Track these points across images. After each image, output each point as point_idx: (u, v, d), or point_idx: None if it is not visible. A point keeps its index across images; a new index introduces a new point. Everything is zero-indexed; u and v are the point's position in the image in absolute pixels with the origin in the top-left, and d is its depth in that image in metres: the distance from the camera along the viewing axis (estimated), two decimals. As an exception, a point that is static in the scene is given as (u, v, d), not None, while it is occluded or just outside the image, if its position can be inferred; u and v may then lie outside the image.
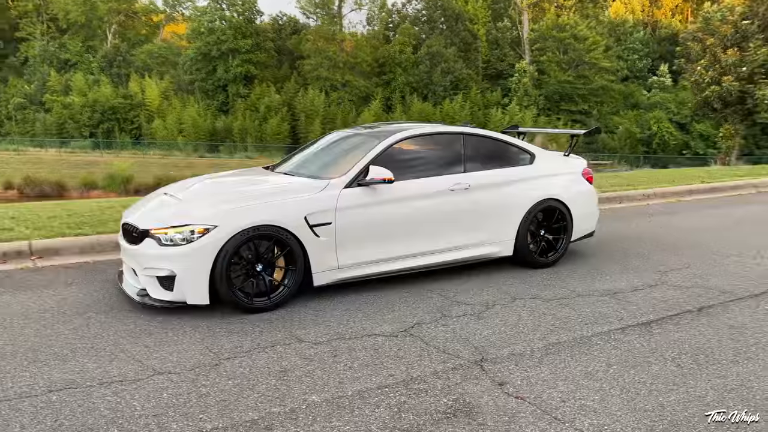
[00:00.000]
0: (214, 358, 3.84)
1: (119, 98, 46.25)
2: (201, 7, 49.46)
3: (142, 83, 47.45)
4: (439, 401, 3.36)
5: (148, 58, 49.76)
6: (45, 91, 47.81)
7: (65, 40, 52.56)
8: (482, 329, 4.43)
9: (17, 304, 4.74)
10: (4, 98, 48.39)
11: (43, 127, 46.15)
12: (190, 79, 48.26)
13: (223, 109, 47.74)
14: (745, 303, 5.13)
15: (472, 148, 5.86)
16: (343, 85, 48.24)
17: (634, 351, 4.10)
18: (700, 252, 6.89)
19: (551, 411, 3.28)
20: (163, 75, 48.69)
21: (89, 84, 47.47)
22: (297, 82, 48.55)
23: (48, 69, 49.63)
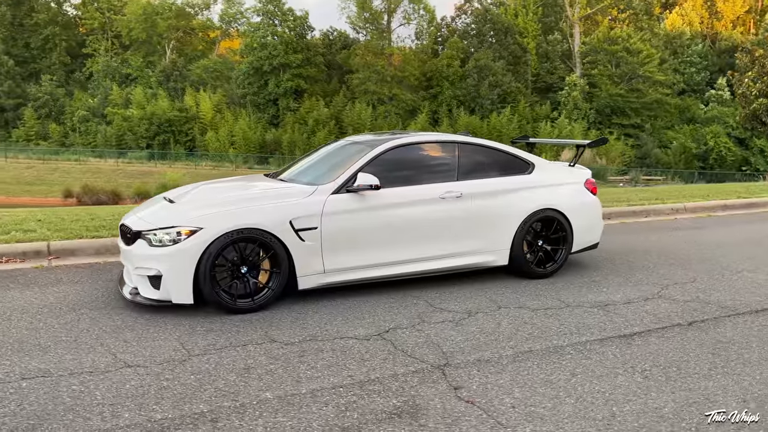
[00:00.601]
0: (185, 354, 3.99)
1: (175, 111, 47.97)
2: (255, 23, 50.88)
3: (196, 97, 49.09)
4: (388, 402, 3.40)
5: (203, 73, 51.48)
6: (107, 105, 50.04)
7: (127, 55, 54.99)
8: (456, 336, 4.45)
9: (21, 299, 5.03)
10: (70, 111, 50.89)
11: (103, 138, 48.28)
12: (242, 93, 49.62)
13: (273, 122, 48.84)
14: (741, 319, 4.97)
15: (468, 156, 5.89)
16: (390, 99, 48.64)
17: (605, 362, 4.04)
18: (711, 267, 6.68)
19: (497, 416, 3.27)
20: (217, 89, 50.23)
21: (148, 97, 49.44)
22: (345, 95, 49.25)
23: (110, 83, 51.97)
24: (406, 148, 5.72)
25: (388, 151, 5.57)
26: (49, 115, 51.09)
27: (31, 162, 44.34)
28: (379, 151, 5.51)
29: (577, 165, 6.79)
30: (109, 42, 56.24)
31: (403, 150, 5.69)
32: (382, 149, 5.54)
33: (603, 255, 7.19)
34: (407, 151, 5.72)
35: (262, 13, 50.83)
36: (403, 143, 5.69)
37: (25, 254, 6.38)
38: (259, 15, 50.94)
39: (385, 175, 5.47)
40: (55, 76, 53.55)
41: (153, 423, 3.11)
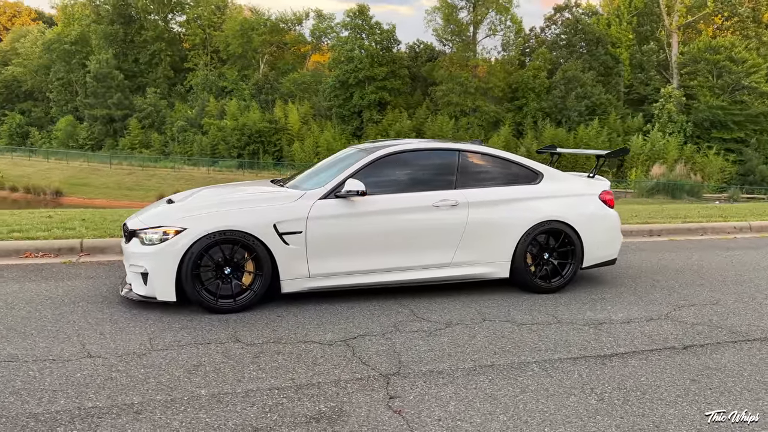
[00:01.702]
0: (147, 349, 4.15)
1: (265, 122, 49.90)
2: (343, 37, 52.11)
3: (285, 109, 50.83)
4: (314, 407, 3.39)
5: (292, 86, 53.25)
6: (203, 116, 52.82)
7: (224, 69, 57.84)
8: (423, 346, 4.35)
9: (33, 291, 5.42)
10: (170, 121, 54.14)
11: (199, 147, 50.95)
12: (329, 105, 50.88)
13: (357, 134, 49.67)
14: (747, 345, 4.55)
15: (469, 165, 5.77)
16: (474, 111, 48.24)
17: (566, 381, 3.82)
18: (743, 289, 6.15)
19: (417, 428, 3.18)
20: (305, 101, 51.79)
21: (241, 109, 51.72)
22: (428, 107, 49.36)
23: (208, 96, 54.83)
24: (404, 156, 5.68)
25: (383, 158, 5.56)
26: (152, 125, 54.58)
27: (133, 168, 47.54)
28: (372, 158, 5.51)
29: (596, 176, 6.47)
30: (209, 57, 59.40)
31: (401, 157, 5.66)
32: (376, 156, 5.54)
33: (628, 272, 6.79)
34: (405, 158, 5.68)
35: (350, 27, 52.00)
36: (400, 150, 5.66)
37: (59, 250, 6.86)
38: (348, 29, 52.14)
39: (380, 182, 5.48)
40: (158, 89, 57.19)
41: (81, 410, 3.26)
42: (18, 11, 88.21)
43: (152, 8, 59.10)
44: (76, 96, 57.80)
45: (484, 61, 50.37)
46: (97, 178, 44.95)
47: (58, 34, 60.02)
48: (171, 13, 61.20)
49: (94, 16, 59.05)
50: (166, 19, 60.95)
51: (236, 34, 55.49)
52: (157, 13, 59.61)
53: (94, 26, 57.91)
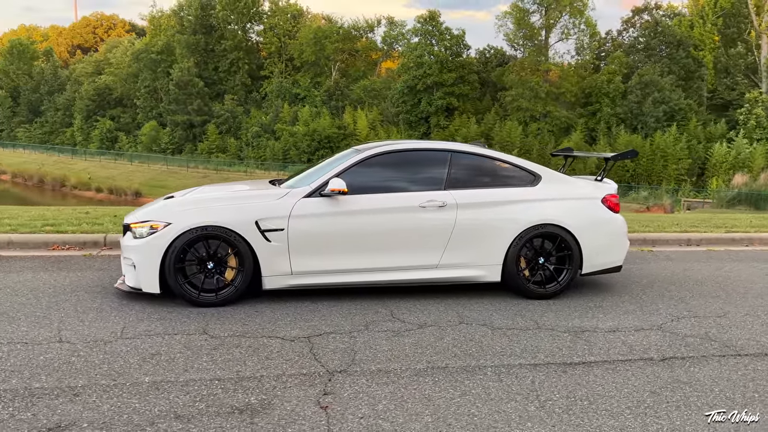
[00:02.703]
0: (116, 336, 4.34)
1: (334, 128, 50.74)
2: (413, 43, 52.30)
3: (354, 115, 51.50)
4: (246, 399, 3.44)
5: (362, 92, 53.91)
6: (277, 122, 54.33)
7: (298, 77, 59.31)
8: (384, 346, 4.33)
9: (41, 281, 5.77)
10: (246, 127, 56.02)
11: (272, 152, 52.42)
12: (396, 111, 51.13)
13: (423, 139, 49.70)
14: (734, 361, 4.24)
15: (461, 166, 5.68)
16: (544, 116, 47.14)
17: (514, 387, 3.70)
18: (761, 303, 5.76)
19: (334, 424, 3.17)
20: (374, 107, 52.30)
21: (312, 115, 52.84)
22: (497, 113, 48.66)
23: (282, 102, 56.37)
24: (394, 156, 5.67)
25: (372, 158, 5.56)
26: (229, 130, 56.65)
27: (208, 172, 49.53)
28: (360, 158, 5.53)
29: (605, 180, 6.21)
30: (283, 64, 61.06)
31: (390, 158, 5.65)
32: (365, 156, 5.55)
33: (642, 281, 6.47)
34: (395, 158, 5.67)
35: (420, 33, 52.12)
36: (389, 151, 5.65)
37: (84, 244, 7.27)
38: (418, 35, 52.28)
39: (369, 182, 5.49)
40: (236, 96, 59.33)
41: (27, 390, 3.45)
42: (114, 23, 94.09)
43: (232, 18, 61.39)
44: (161, 103, 60.79)
45: (556, 65, 49.16)
46: (174, 181, 47.11)
47: (146, 44, 63.44)
48: (249, 23, 63.39)
49: (178, 27, 62.02)
50: (245, 29, 63.14)
51: (310, 42, 56.77)
52: (236, 23, 61.89)
53: (178, 36, 60.78)
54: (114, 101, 65.71)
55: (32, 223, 7.87)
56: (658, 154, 42.05)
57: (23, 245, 7.13)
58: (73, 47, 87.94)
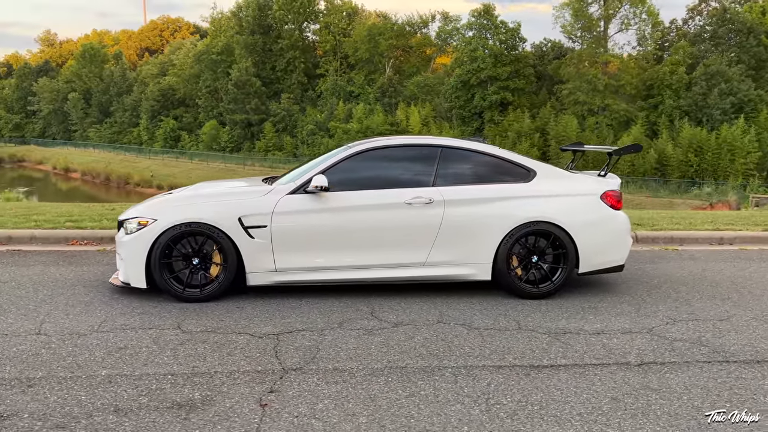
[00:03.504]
0: (92, 330, 4.47)
1: (386, 125, 50.83)
2: (467, 37, 51.74)
3: (407, 111, 51.44)
4: (190, 394, 3.47)
5: (415, 88, 53.77)
6: (331, 119, 54.92)
7: (352, 75, 59.74)
8: (352, 344, 4.29)
9: (47, 275, 6.00)
10: (301, 125, 56.88)
11: (326, 150, 52.97)
12: (449, 106, 50.75)
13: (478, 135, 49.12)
14: (719, 367, 3.99)
15: (451, 162, 5.55)
16: (602, 110, 45.70)
17: (466, 389, 3.59)
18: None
19: (266, 422, 3.17)
20: (426, 103, 52.07)
21: (366, 113, 53.11)
22: (553, 107, 47.52)
23: (336, 100, 56.94)
24: (382, 152, 5.60)
25: (359, 154, 5.52)
26: (285, 129, 57.67)
27: (263, 169, 50.55)
28: (347, 155, 5.50)
29: (609, 175, 5.95)
30: (338, 62, 61.62)
31: (378, 154, 5.59)
32: (352, 152, 5.52)
33: (652, 281, 6.16)
34: (383, 154, 5.60)
35: (474, 27, 51.51)
36: (377, 147, 5.59)
37: (101, 239, 7.54)
38: (472, 29, 51.69)
39: (356, 178, 5.46)
40: (292, 95, 60.34)
41: (-13, 379, 3.59)
42: (179, 26, 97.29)
43: (288, 18, 62.39)
44: (220, 102, 62.46)
45: (615, 57, 47.55)
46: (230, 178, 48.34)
47: (207, 45, 65.30)
48: (305, 22, 64.27)
49: (237, 28, 63.52)
50: (301, 28, 64.07)
51: (364, 39, 57.04)
52: (292, 22, 62.87)
53: (237, 37, 62.27)
54: (177, 101, 67.97)
55: (57, 219, 8.22)
56: (725, 148, 40.01)
57: (44, 240, 7.46)
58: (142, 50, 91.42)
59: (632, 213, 10.60)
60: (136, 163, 56.16)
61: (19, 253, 6.91)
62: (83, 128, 74.89)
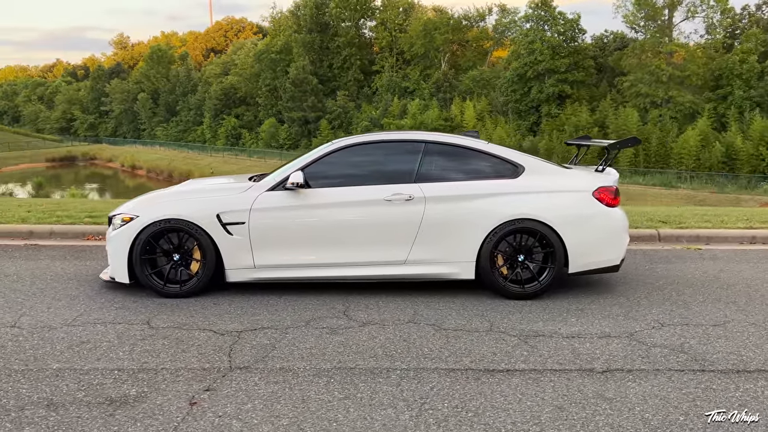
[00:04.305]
0: (65, 323, 4.58)
1: (440, 120, 50.41)
2: (524, 30, 50.64)
3: (462, 106, 50.88)
4: (127, 390, 3.50)
5: (471, 83, 53.11)
6: (386, 116, 54.97)
7: (408, 70, 59.59)
8: (310, 343, 4.23)
9: (49, 269, 6.21)
10: (356, 122, 57.22)
11: (379, 146, 53.18)
12: (505, 100, 49.84)
13: (533, 129, 47.97)
14: (690, 377, 3.70)
15: (435, 157, 5.39)
16: (666, 102, 43.77)
17: (408, 393, 3.48)
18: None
19: (188, 421, 3.15)
20: (482, 98, 51.33)
21: (420, 108, 52.87)
22: (614, 100, 45.88)
23: (391, 96, 56.94)
24: (364, 148, 5.51)
25: (340, 150, 5.44)
26: (341, 125, 58.17)
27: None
28: (328, 150, 5.43)
29: (607, 169, 5.63)
30: (394, 58, 61.59)
31: (360, 149, 5.50)
32: (333, 148, 5.45)
33: (657, 283, 5.81)
34: (365, 150, 5.51)
35: (532, 19, 50.36)
36: (358, 142, 5.50)
37: (115, 235, 7.74)
38: (529, 21, 50.55)
39: (337, 174, 5.40)
40: (348, 92, 60.80)
41: (-54, 369, 3.73)
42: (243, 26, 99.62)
43: (345, 15, 62.83)
44: (279, 100, 63.60)
45: (680, 46, 45.41)
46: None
47: (267, 44, 66.62)
48: (362, 19, 64.56)
49: (296, 27, 64.49)
50: (357, 25, 64.40)
51: (419, 34, 56.78)
52: (349, 19, 63.27)
53: (295, 36, 63.25)
54: (238, 100, 69.67)
55: (78, 215, 8.53)
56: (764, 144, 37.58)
57: (63, 235, 7.75)
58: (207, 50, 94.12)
59: (660, 210, 10.07)
60: (198, 161, 57.94)
61: (35, 248, 7.20)
62: (151, 127, 77.90)
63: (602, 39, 51.81)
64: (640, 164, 41.48)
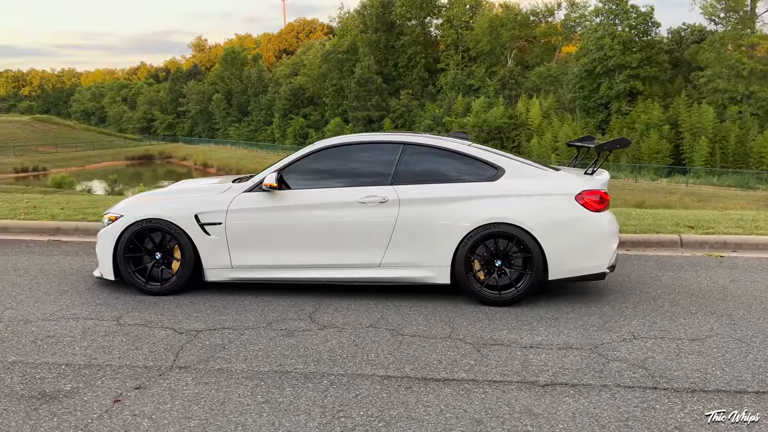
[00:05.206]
0: (42, 317, 4.78)
1: (504, 118, 49.51)
2: (593, 24, 48.97)
3: (528, 103, 49.78)
4: (63, 386, 3.61)
5: (537, 80, 51.88)
6: (450, 114, 54.54)
7: (473, 68, 58.91)
8: (261, 345, 4.24)
9: (58, 264, 6.51)
10: (419, 121, 57.10)
11: (442, 145, 52.78)
12: (572, 97, 48.38)
13: (602, 126, 46.29)
14: (637, 395, 3.47)
15: (413, 159, 5.29)
16: (747, 98, 41.24)
17: (329, 399, 3.44)
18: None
19: (102, 418, 3.22)
20: (549, 95, 50.04)
21: (485, 106, 52.11)
22: (689, 96, 43.64)
23: (455, 94, 56.47)
24: (342, 149, 5.47)
25: (318, 151, 5.43)
26: (404, 124, 58.20)
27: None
28: (306, 152, 5.43)
29: (598, 171, 5.35)
30: (459, 56, 61.05)
31: (338, 151, 5.46)
32: (310, 150, 5.44)
33: (656, 291, 5.48)
34: (343, 152, 5.47)
35: (602, 13, 48.62)
36: (336, 144, 5.46)
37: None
38: (599, 15, 48.82)
39: (314, 176, 5.40)
40: (412, 90, 60.77)
41: None
42: (314, 27, 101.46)
43: (411, 14, 62.82)
44: (345, 100, 64.35)
45: (763, 38, 42.64)
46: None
47: (334, 45, 67.57)
48: (428, 17, 64.35)
49: (362, 26, 65.05)
50: (423, 23, 64.24)
51: (485, 31, 56.03)
52: (415, 18, 63.20)
53: (361, 36, 63.82)
54: (306, 100, 71.02)
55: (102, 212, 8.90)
56: None
57: (86, 232, 8.11)
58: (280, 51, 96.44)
59: (694, 213, 9.48)
60: (265, 159, 59.39)
61: (56, 244, 7.58)
62: (224, 127, 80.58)
63: (679, 32, 49.44)
64: (716, 164, 39.33)
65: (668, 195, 34.07)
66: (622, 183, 37.47)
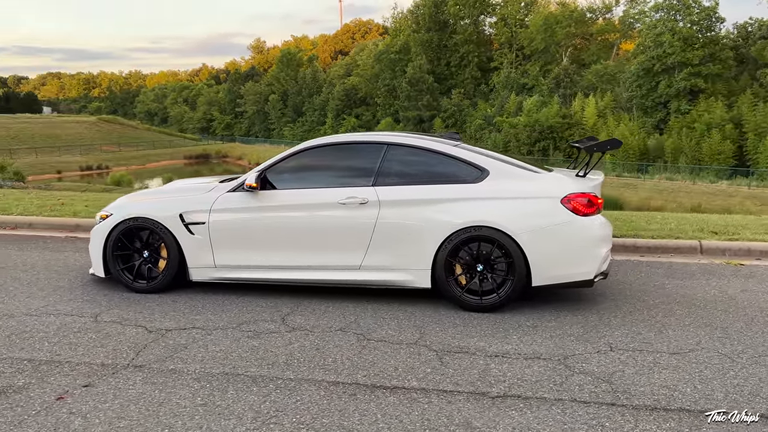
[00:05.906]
0: (25, 313, 4.89)
1: (557, 118, 48.36)
2: (653, 20, 47.25)
3: (583, 102, 48.48)
4: (16, 381, 3.67)
5: (594, 78, 50.45)
6: (502, 113, 53.72)
7: (527, 66, 57.86)
8: (223, 346, 4.22)
9: (65, 260, 6.70)
10: (471, 120, 56.53)
11: (492, 144, 52.00)
12: (630, 95, 46.80)
13: (660, 126, 44.60)
14: (584, 411, 3.26)
15: (396, 160, 5.17)
16: (818, 95, 38.92)
17: (267, 404, 3.37)
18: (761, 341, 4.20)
19: (39, 414, 3.26)
20: (606, 93, 48.58)
21: (538, 105, 51.07)
22: (756, 94, 41.51)
23: (508, 93, 55.58)
24: (325, 150, 5.41)
25: (301, 152, 5.39)
26: (454, 124, 57.71)
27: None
28: (290, 153, 5.40)
29: (590, 174, 5.09)
30: (513, 54, 60.10)
31: (321, 151, 5.41)
32: (294, 150, 5.41)
33: (654, 301, 5.17)
34: (326, 152, 5.41)
35: (662, 8, 46.86)
36: (319, 144, 5.40)
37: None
38: (659, 11, 47.07)
39: (298, 176, 5.38)
40: (464, 89, 60.19)
41: None
42: (369, 28, 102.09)
43: (464, 13, 62.27)
44: (396, 100, 64.37)
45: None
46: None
47: (387, 45, 67.71)
48: (481, 15, 63.62)
49: (414, 26, 64.93)
50: (476, 22, 63.54)
51: (540, 29, 54.97)
52: (468, 17, 62.61)
53: (414, 35, 63.69)
54: (359, 100, 71.47)
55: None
56: None
57: (103, 229, 8.33)
58: (335, 52, 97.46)
59: (724, 218, 8.93)
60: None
61: (71, 240, 7.81)
62: (280, 127, 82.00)
63: (745, 27, 47.10)
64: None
65: (728, 198, 32.53)
66: (679, 185, 36.06)
